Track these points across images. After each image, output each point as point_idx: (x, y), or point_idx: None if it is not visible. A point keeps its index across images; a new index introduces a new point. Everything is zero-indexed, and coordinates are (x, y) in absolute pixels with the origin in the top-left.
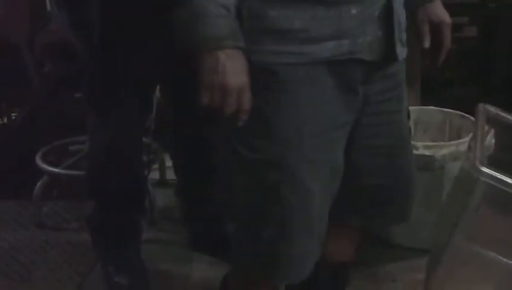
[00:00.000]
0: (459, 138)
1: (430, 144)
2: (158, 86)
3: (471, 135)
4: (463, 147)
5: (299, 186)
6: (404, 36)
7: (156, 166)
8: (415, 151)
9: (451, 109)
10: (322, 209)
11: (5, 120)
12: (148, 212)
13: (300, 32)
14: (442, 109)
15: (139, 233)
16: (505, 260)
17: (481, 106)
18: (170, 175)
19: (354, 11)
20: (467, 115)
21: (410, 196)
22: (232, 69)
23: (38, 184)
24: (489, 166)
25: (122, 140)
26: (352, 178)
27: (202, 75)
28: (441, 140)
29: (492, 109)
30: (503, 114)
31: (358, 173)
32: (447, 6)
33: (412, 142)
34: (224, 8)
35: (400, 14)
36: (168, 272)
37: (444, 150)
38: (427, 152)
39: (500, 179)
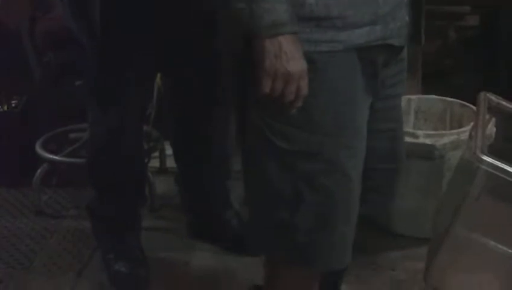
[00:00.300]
0: (460, 127)
1: (431, 132)
2: (158, 74)
3: (472, 123)
4: (464, 136)
5: (339, 174)
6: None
7: (156, 154)
8: (415, 140)
9: (453, 98)
10: (358, 192)
11: (5, 108)
12: (148, 200)
13: (338, 19)
14: (443, 97)
15: (139, 221)
16: (505, 248)
17: (482, 95)
18: (170, 163)
19: None
20: (468, 104)
21: (400, 179)
22: (294, 54)
23: (38, 172)
24: (490, 155)
25: (122, 128)
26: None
27: (263, 62)
28: (441, 129)
29: (493, 98)
30: (505, 103)
31: (370, 157)
32: None
33: (413, 131)
34: None
35: None
36: (168, 259)
37: (444, 138)
38: (427, 141)
39: (501, 167)
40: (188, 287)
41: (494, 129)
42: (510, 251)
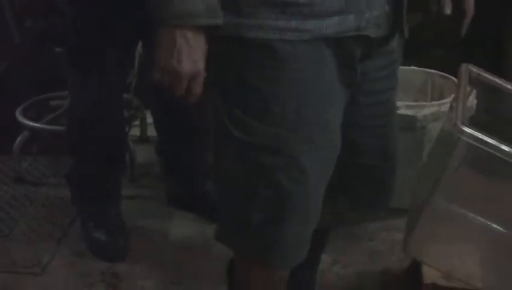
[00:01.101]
0: (440, 98)
1: (412, 104)
2: (140, 42)
3: (453, 95)
4: (445, 108)
5: (296, 171)
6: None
7: (137, 122)
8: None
9: (434, 69)
10: (319, 192)
11: None
12: (128, 168)
13: (304, 6)
14: (424, 69)
15: (118, 189)
16: (483, 220)
17: (464, 66)
18: (151, 132)
19: None
20: (449, 76)
21: (395, 178)
22: (189, 53)
23: (18, 139)
24: (470, 126)
25: (103, 96)
26: (347, 157)
27: (156, 52)
28: (422, 100)
29: (474, 70)
30: (486, 75)
31: (353, 153)
32: None
33: None
34: None
35: None
36: (147, 228)
37: (425, 110)
38: (408, 112)
39: (481, 138)
40: (167, 256)
41: (475, 101)
42: (488, 222)
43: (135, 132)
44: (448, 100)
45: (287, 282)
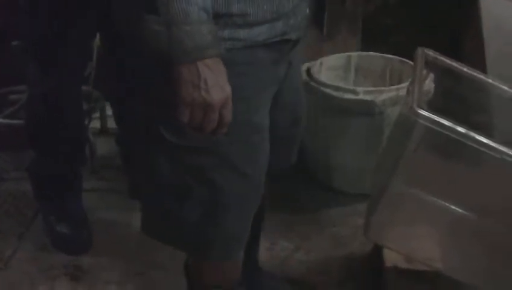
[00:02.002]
0: (399, 83)
1: (371, 89)
2: (98, 34)
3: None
4: (403, 92)
5: (229, 170)
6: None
7: (97, 114)
8: (355, 97)
9: (393, 54)
10: (257, 183)
11: None
12: (88, 161)
13: (238, 17)
14: (383, 54)
15: (79, 182)
16: (442, 202)
17: (420, 50)
18: (111, 124)
19: None
20: (408, 61)
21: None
22: (215, 81)
23: None
24: (427, 109)
25: (61, 89)
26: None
27: (180, 90)
28: (382, 86)
29: (431, 53)
30: (442, 58)
31: (275, 127)
32: None
33: (353, 88)
34: (205, 11)
35: None
36: (109, 220)
37: (384, 95)
38: (367, 97)
39: (438, 121)
40: (130, 247)
41: (433, 85)
42: (447, 204)
43: (95, 124)
44: (406, 84)
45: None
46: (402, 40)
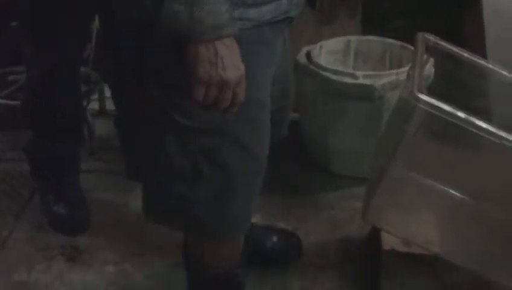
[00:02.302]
0: (399, 67)
1: (370, 73)
2: (97, 16)
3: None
4: (403, 76)
5: (239, 149)
6: None
7: (95, 96)
8: (354, 81)
9: (393, 38)
10: (262, 163)
11: None
12: (87, 142)
13: None
14: (382, 38)
15: (77, 162)
16: (441, 186)
17: (420, 34)
18: (110, 105)
19: None
20: (408, 45)
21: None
22: (231, 60)
23: None
24: (427, 93)
25: (57, 70)
26: None
27: (197, 69)
28: (381, 70)
29: (431, 38)
30: (443, 43)
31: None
32: None
33: (352, 72)
34: None
35: None
36: (107, 201)
37: (383, 79)
38: (367, 81)
39: (437, 106)
40: (127, 228)
41: (433, 70)
42: (446, 188)
43: (94, 105)
44: (406, 69)
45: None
46: (402, 25)
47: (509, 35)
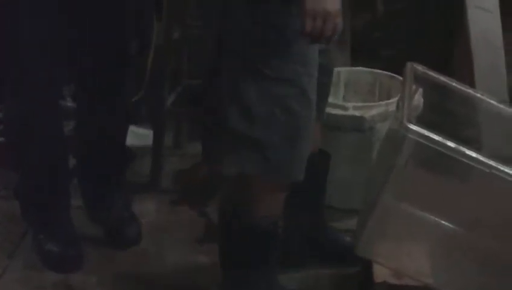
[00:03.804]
0: (388, 98)
1: (360, 104)
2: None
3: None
4: (392, 107)
5: (305, 99)
6: None
7: None
8: (345, 113)
9: (382, 70)
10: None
11: None
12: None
13: None
14: (372, 69)
15: (67, 199)
16: (432, 217)
17: (409, 65)
18: None
19: None
20: (397, 76)
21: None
22: None
23: None
24: (416, 123)
25: (36, 112)
26: None
27: (305, 4)
28: (371, 101)
29: (420, 68)
30: (432, 73)
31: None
32: None
33: (342, 103)
34: None
35: None
36: (99, 237)
37: (373, 110)
38: (357, 113)
39: (427, 136)
40: (120, 266)
41: (422, 100)
42: (437, 219)
43: None
44: (395, 100)
45: None
46: (391, 55)
47: (497, 64)
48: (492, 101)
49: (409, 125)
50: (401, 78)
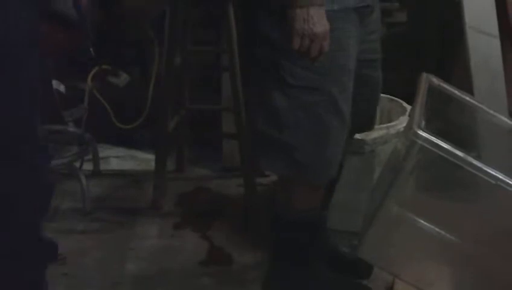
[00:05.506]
0: (389, 121)
1: None
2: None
3: (401, 117)
4: (393, 130)
5: (331, 106)
6: None
7: (89, 156)
8: None
9: (382, 93)
10: (347, 120)
11: None
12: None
13: None
14: None
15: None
16: (434, 227)
17: (424, 75)
18: (103, 166)
19: None
20: (397, 99)
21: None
22: (319, 19)
23: None
24: (426, 131)
25: None
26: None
27: (295, 24)
28: None
29: (435, 80)
30: (445, 85)
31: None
32: None
33: None
34: None
35: None
36: (102, 261)
37: (374, 133)
38: (357, 136)
39: (436, 143)
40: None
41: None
42: (439, 230)
43: (88, 166)
44: (396, 123)
45: None
46: (390, 78)
47: (497, 86)
48: (502, 117)
49: (418, 132)
50: (401, 101)
